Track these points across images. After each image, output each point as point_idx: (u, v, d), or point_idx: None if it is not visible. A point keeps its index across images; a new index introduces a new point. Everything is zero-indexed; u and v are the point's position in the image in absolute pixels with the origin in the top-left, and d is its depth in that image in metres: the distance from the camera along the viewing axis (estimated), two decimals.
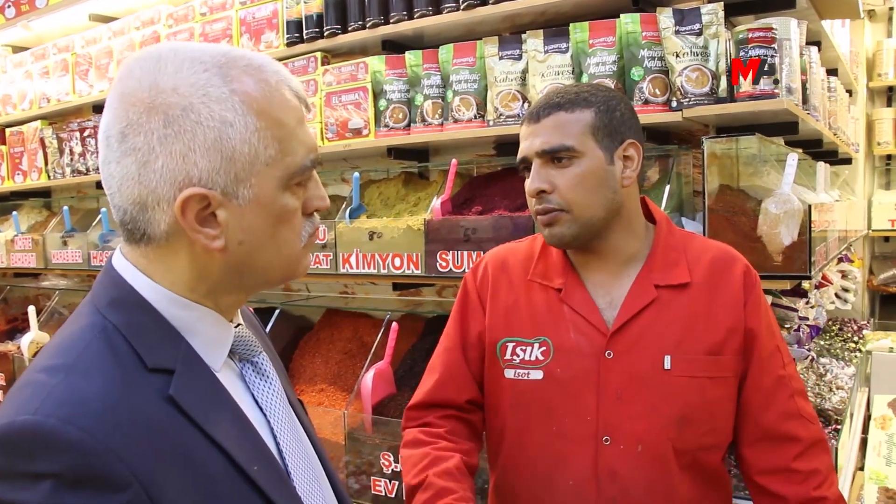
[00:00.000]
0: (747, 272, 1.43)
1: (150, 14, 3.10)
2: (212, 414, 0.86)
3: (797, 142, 2.65)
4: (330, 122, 2.49)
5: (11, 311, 4.20)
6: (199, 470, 0.82)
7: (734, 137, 1.94)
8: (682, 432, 1.35)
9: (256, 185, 0.86)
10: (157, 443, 0.79)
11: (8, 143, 3.83)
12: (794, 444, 1.38)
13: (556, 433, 1.40)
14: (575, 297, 1.43)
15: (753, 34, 1.74)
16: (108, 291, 0.90)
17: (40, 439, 0.74)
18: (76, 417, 0.75)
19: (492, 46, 2.16)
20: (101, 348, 0.83)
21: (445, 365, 1.56)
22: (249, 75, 0.86)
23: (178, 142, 0.82)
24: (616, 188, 1.39)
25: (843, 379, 2.76)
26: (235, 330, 0.96)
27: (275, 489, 0.88)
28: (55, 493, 0.72)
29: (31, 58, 3.69)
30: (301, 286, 3.15)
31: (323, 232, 2.40)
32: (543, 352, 1.42)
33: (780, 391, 1.39)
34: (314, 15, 2.51)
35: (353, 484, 2.26)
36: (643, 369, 1.36)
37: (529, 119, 1.43)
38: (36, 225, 3.90)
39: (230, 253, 0.87)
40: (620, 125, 1.40)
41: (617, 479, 1.35)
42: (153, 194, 0.84)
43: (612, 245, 1.43)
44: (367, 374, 2.28)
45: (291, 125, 0.89)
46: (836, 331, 3.63)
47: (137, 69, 0.85)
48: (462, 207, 2.26)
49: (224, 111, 0.83)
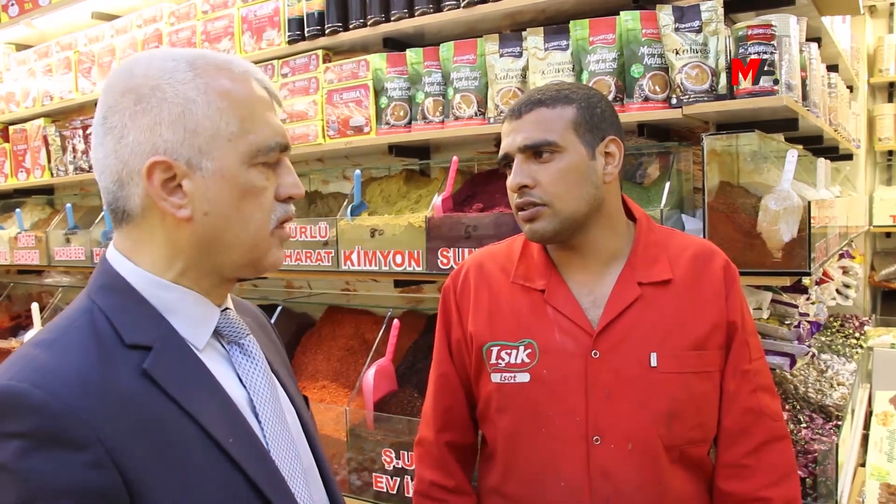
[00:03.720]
0: (727, 266, 1.44)
1: (153, 12, 3.11)
2: (188, 388, 0.92)
3: (798, 138, 2.66)
4: (331, 119, 2.49)
5: (15, 307, 4.22)
6: (170, 440, 0.87)
7: (734, 134, 1.94)
8: (671, 428, 1.36)
9: (219, 158, 0.94)
10: (126, 412, 0.85)
11: (11, 140, 3.84)
12: (748, 439, 1.39)
13: (545, 435, 1.39)
14: (558, 297, 1.43)
15: (753, 31, 1.75)
16: (97, 279, 0.98)
17: (11, 402, 0.81)
18: (47, 384, 0.82)
19: (492, 44, 2.17)
20: (84, 327, 0.91)
21: (441, 394, 1.57)
22: (216, 66, 0.96)
23: (146, 116, 0.92)
24: (598, 184, 1.40)
25: (845, 375, 2.76)
26: (223, 313, 1.02)
27: (251, 463, 0.93)
28: (22, 450, 0.79)
29: (34, 56, 3.70)
30: (303, 283, 3.16)
31: (324, 229, 2.41)
32: (529, 354, 1.42)
33: (743, 386, 1.39)
34: (315, 13, 2.52)
35: (355, 481, 2.27)
36: (630, 367, 1.36)
37: (511, 115, 1.43)
38: (39, 222, 3.91)
39: (197, 224, 0.94)
40: (602, 122, 1.40)
41: (609, 478, 1.35)
42: (127, 167, 0.93)
43: (594, 242, 1.43)
44: (369, 371, 2.29)
45: (255, 108, 0.97)
46: (837, 327, 3.63)
47: (119, 69, 0.97)
48: (463, 205, 2.27)
49: (188, 91, 0.92)
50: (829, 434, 2.11)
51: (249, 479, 0.92)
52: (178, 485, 0.86)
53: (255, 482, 0.92)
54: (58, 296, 3.82)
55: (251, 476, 0.92)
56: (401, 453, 2.16)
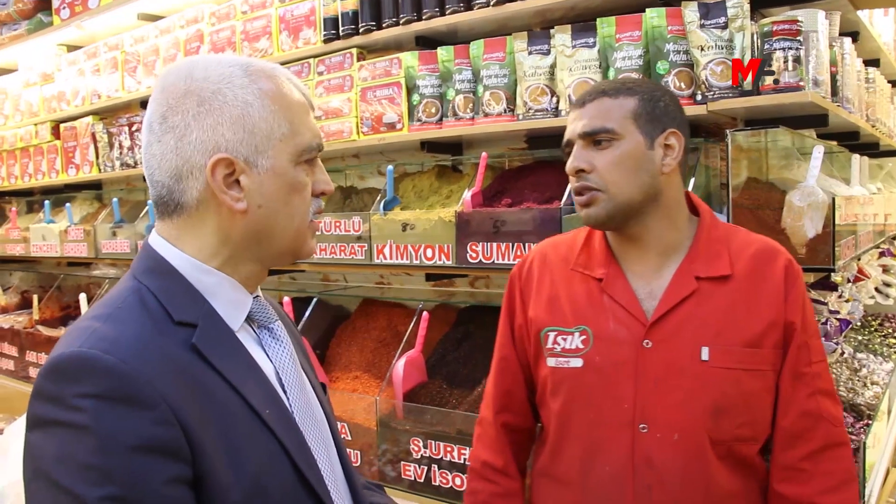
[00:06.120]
0: (789, 266, 1.44)
1: (194, 13, 3.20)
2: (230, 363, 1.00)
3: (832, 134, 2.63)
4: (365, 116, 2.55)
5: (65, 298, 4.38)
6: (220, 406, 0.96)
7: (759, 130, 1.94)
8: (718, 422, 1.37)
9: (273, 156, 1.03)
10: (181, 378, 0.94)
11: (62, 137, 3.99)
12: (805, 443, 1.38)
13: (593, 420, 1.44)
14: (616, 287, 1.47)
15: (778, 27, 1.75)
16: (142, 262, 1.06)
17: (83, 365, 0.89)
18: (114, 350, 0.90)
19: (521, 42, 2.20)
20: (135, 304, 0.99)
21: (501, 376, 1.64)
22: (265, 73, 1.05)
23: (209, 117, 1.00)
24: (654, 173, 1.43)
25: (880, 375, 2.72)
26: (255, 300, 1.10)
27: (285, 433, 1.02)
28: (96, 409, 0.87)
29: (83, 56, 3.83)
30: (339, 276, 3.23)
31: (358, 224, 2.47)
32: (583, 340, 1.47)
33: (801, 388, 1.39)
34: (350, 12, 2.57)
35: (389, 472, 2.32)
36: (680, 359, 1.39)
37: (576, 105, 1.49)
38: (87, 216, 4.05)
39: (251, 215, 1.03)
40: (663, 115, 1.44)
41: (653, 466, 1.38)
42: (188, 163, 1.01)
43: (652, 233, 1.46)
44: (399, 362, 2.34)
45: (299, 112, 1.07)
46: (875, 326, 3.57)
47: (174, 70, 1.05)
48: (492, 200, 2.31)
49: (246, 95, 1.02)
50: (858, 433, 2.09)
51: (284, 447, 1.01)
52: (228, 447, 0.95)
53: (288, 451, 1.01)
54: (105, 287, 3.95)
55: (286, 445, 1.01)
56: (429, 443, 2.21)
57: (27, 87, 4.27)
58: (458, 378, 2.36)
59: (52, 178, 4.09)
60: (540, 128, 2.19)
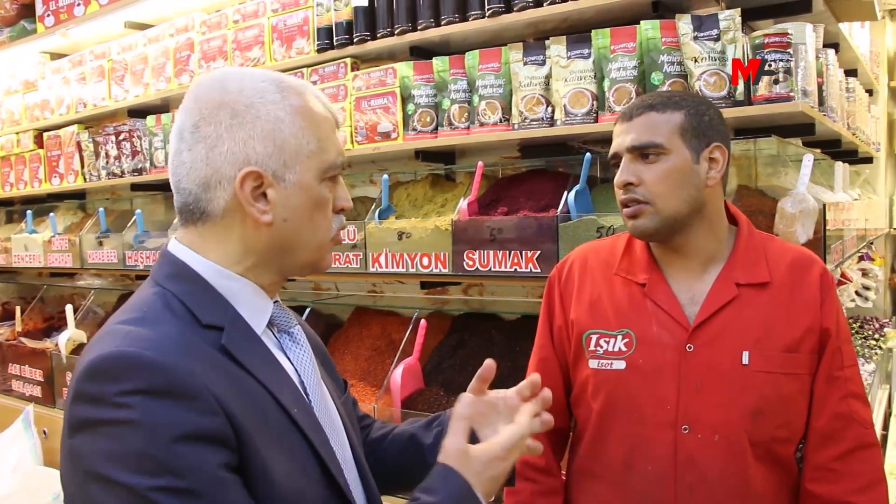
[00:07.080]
0: (824, 274, 1.49)
1: (185, 21, 3.20)
2: (258, 363, 1.03)
3: (816, 142, 2.70)
4: (359, 125, 2.57)
5: (48, 309, 4.33)
6: (254, 402, 0.99)
7: (750, 139, 1.99)
8: (757, 424, 1.41)
9: (300, 172, 1.05)
10: (218, 374, 0.96)
11: (46, 146, 3.95)
12: (836, 444, 1.43)
13: (636, 421, 1.48)
14: (658, 292, 1.51)
15: (769, 39, 1.80)
16: (164, 268, 1.08)
17: (125, 363, 0.91)
18: (154, 347, 0.93)
19: (516, 52, 2.23)
20: (163, 308, 1.02)
21: (542, 377, 1.65)
22: (296, 90, 1.08)
23: (241, 130, 1.03)
24: (700, 187, 1.46)
25: (863, 376, 2.79)
26: (275, 304, 1.13)
27: (311, 431, 1.05)
28: (143, 404, 0.89)
29: (68, 64, 3.80)
30: (331, 285, 3.24)
31: (352, 232, 2.49)
32: (626, 343, 1.50)
33: (834, 391, 1.44)
34: (344, 22, 2.59)
35: None
36: (722, 363, 1.43)
37: (623, 118, 1.51)
38: (72, 226, 4.02)
39: (275, 228, 1.05)
40: (709, 129, 1.47)
41: (695, 466, 1.42)
42: (217, 173, 1.03)
43: (695, 243, 1.50)
44: (397, 370, 2.36)
45: (326, 129, 1.09)
46: (856, 328, 3.66)
47: (208, 81, 1.08)
48: (488, 208, 2.34)
49: (277, 111, 1.04)
50: None
51: (313, 445, 1.03)
52: (267, 440, 0.97)
53: (316, 449, 1.04)
54: (90, 298, 3.92)
55: (314, 443, 1.04)
56: None
57: (8, 95, 4.23)
58: (455, 385, 2.38)
59: (34, 187, 4.05)
60: (535, 137, 2.22)
